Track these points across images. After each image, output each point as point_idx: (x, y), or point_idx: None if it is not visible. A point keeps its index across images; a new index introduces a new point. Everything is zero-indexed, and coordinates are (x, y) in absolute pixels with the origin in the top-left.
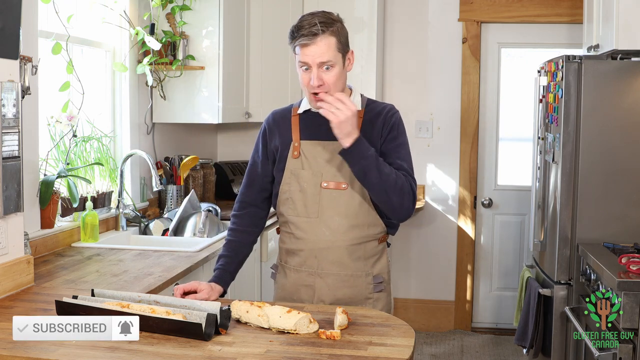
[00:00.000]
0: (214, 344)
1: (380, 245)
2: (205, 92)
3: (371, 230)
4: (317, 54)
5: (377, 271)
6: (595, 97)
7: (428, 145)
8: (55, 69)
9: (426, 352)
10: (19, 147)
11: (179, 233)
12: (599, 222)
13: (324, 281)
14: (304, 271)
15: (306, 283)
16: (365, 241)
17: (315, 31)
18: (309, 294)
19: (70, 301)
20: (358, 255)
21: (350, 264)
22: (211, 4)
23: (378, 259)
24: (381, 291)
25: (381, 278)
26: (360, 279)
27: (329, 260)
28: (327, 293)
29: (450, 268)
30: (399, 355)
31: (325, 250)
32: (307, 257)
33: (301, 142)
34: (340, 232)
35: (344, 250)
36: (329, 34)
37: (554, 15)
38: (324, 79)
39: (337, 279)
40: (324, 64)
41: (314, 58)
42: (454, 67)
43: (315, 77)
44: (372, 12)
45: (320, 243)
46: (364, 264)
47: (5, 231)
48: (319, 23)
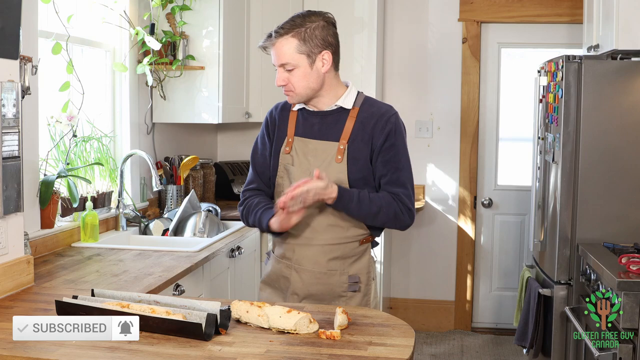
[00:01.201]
0: (214, 344)
1: (361, 247)
2: (205, 92)
3: (352, 232)
4: (274, 56)
5: (354, 271)
6: (595, 97)
7: (428, 145)
8: (55, 69)
9: (426, 352)
10: (19, 147)
11: (179, 233)
12: (599, 222)
13: (299, 275)
14: (283, 262)
15: (284, 274)
16: (344, 242)
17: (271, 34)
18: (286, 285)
19: (70, 301)
20: (335, 255)
21: (325, 263)
22: (211, 4)
23: (357, 259)
24: (355, 291)
25: (357, 278)
26: (335, 277)
27: (305, 257)
28: (301, 287)
29: (450, 268)
30: (399, 355)
31: (303, 247)
32: (286, 249)
33: (295, 138)
34: (318, 231)
35: (320, 249)
36: (289, 37)
37: (554, 15)
38: (288, 79)
39: (311, 275)
40: (284, 66)
41: (274, 59)
42: (454, 67)
43: (278, 77)
44: (372, 12)
45: (299, 239)
46: (341, 263)
47: (5, 231)
48: (280, 27)
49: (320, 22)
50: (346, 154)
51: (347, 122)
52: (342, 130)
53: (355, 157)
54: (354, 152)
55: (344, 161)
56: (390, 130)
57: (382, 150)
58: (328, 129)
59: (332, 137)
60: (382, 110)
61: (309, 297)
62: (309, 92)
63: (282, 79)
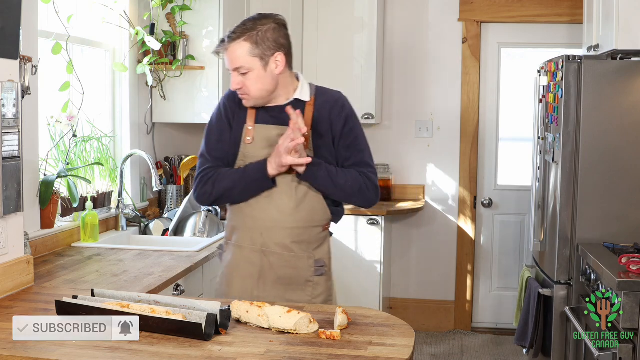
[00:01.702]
0: (214, 344)
1: (323, 233)
2: (205, 92)
3: (316, 216)
4: (228, 60)
5: (319, 256)
6: (595, 97)
7: (428, 145)
8: (55, 69)
9: (426, 352)
10: (19, 147)
11: (179, 233)
12: (599, 222)
13: (268, 259)
14: (248, 247)
15: (249, 260)
16: (310, 226)
17: (224, 39)
18: (251, 270)
19: (70, 301)
20: (302, 239)
21: (294, 246)
22: (211, 4)
23: (320, 245)
24: (322, 275)
25: (322, 262)
26: (302, 261)
27: (274, 240)
28: (269, 271)
29: (450, 268)
30: (399, 355)
31: (272, 230)
32: (252, 233)
33: (255, 125)
34: (287, 214)
35: (289, 231)
36: (242, 41)
37: (554, 15)
38: (243, 82)
39: (280, 258)
40: (238, 70)
41: (227, 64)
42: (454, 67)
43: (232, 81)
44: (372, 12)
45: (268, 222)
46: (306, 247)
47: (5, 231)
48: (232, 31)
49: (272, 24)
50: (311, 140)
51: (306, 112)
52: (303, 119)
53: (319, 144)
54: (317, 139)
55: (310, 147)
56: (347, 115)
57: (342, 136)
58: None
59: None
60: (336, 97)
61: (278, 281)
62: (264, 94)
63: (237, 82)
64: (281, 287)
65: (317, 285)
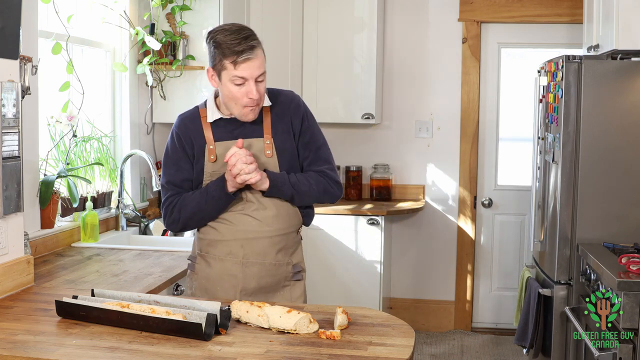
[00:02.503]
0: (214, 344)
1: (297, 236)
2: (205, 92)
3: (292, 221)
4: (256, 66)
5: (296, 260)
6: (595, 97)
7: (428, 145)
8: (55, 69)
9: (426, 352)
10: (19, 147)
11: (178, 233)
12: (599, 222)
13: (249, 270)
14: (229, 260)
15: (231, 272)
16: (287, 232)
17: (255, 44)
18: (233, 283)
19: (70, 301)
20: (281, 246)
21: (274, 254)
22: (211, 4)
23: (295, 249)
24: (299, 280)
25: (300, 267)
26: (282, 268)
27: (255, 251)
28: (252, 282)
29: (450, 268)
30: (399, 355)
31: (252, 241)
32: (232, 246)
33: (216, 144)
34: (266, 223)
35: (269, 240)
36: (259, 46)
37: (554, 15)
38: (259, 90)
39: (261, 268)
40: (261, 75)
41: (252, 72)
42: (454, 67)
43: (256, 90)
44: (372, 12)
45: (248, 233)
46: (284, 253)
47: (5, 231)
48: (250, 36)
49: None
50: (274, 147)
51: (264, 118)
52: (262, 126)
53: (283, 149)
54: (280, 144)
55: (273, 155)
56: (303, 113)
57: (301, 134)
58: (248, 129)
59: (256, 134)
60: (289, 97)
61: (259, 291)
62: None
63: (257, 91)
64: (261, 295)
65: (294, 288)
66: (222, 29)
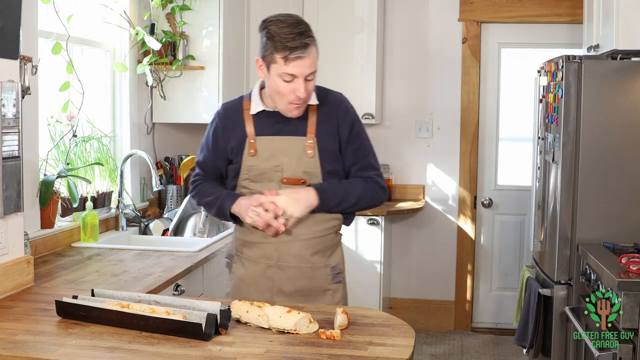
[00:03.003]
0: (214, 344)
1: (336, 237)
2: (205, 92)
3: (330, 223)
4: (308, 65)
5: (334, 262)
6: (595, 97)
7: (428, 145)
8: (55, 69)
9: (426, 352)
10: (19, 147)
11: (179, 233)
12: (599, 222)
13: (285, 273)
14: (263, 263)
15: (266, 275)
16: (324, 234)
17: (309, 42)
18: (269, 285)
19: (70, 301)
20: (317, 249)
21: (310, 257)
22: (211, 4)
23: (334, 250)
24: (339, 282)
25: (339, 269)
26: (319, 271)
27: (290, 253)
28: (287, 284)
29: (450, 268)
30: (399, 355)
31: (286, 244)
32: (266, 249)
33: (257, 138)
34: (300, 226)
35: (304, 243)
36: (314, 43)
37: (554, 15)
38: (307, 89)
39: (297, 271)
40: (311, 74)
41: (303, 70)
42: (454, 67)
43: (304, 89)
44: (372, 12)
45: (282, 236)
46: (322, 255)
47: (5, 231)
48: (305, 32)
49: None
50: (316, 148)
51: (310, 116)
52: (307, 125)
53: (326, 150)
54: (323, 145)
55: (315, 156)
56: (352, 119)
57: (349, 140)
58: (292, 124)
59: (299, 132)
60: (338, 99)
61: (297, 293)
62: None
63: (306, 89)
64: (300, 298)
65: (336, 292)
66: (277, 20)
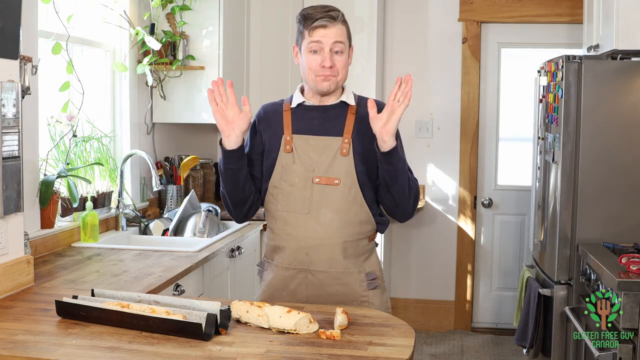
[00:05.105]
0: (214, 344)
1: (370, 243)
2: (205, 92)
3: (363, 227)
4: (332, 34)
5: (370, 268)
6: (595, 97)
7: (428, 145)
8: (55, 69)
9: (426, 352)
10: (19, 147)
11: (179, 233)
12: (599, 222)
13: (316, 277)
14: (293, 268)
15: (296, 280)
16: (357, 239)
17: (334, 15)
18: (300, 290)
19: (70, 301)
20: (350, 253)
21: (342, 261)
22: (211, 4)
23: (368, 256)
24: (375, 288)
25: (374, 275)
26: (353, 276)
27: (321, 258)
28: (319, 289)
29: (450, 268)
30: (399, 355)
31: (317, 247)
32: (297, 253)
33: (293, 136)
34: (332, 229)
35: (336, 247)
36: (342, 22)
37: (554, 15)
38: (335, 62)
39: (328, 276)
40: (337, 44)
41: (328, 38)
42: (454, 67)
43: (325, 58)
44: (372, 12)
45: (311, 240)
46: (355, 261)
47: (5, 231)
48: (334, 10)
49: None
50: (351, 147)
51: (348, 117)
52: (344, 124)
53: (360, 151)
54: (359, 146)
55: (349, 154)
56: None
57: None
58: (329, 123)
59: (335, 132)
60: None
61: (330, 299)
62: (341, 83)
63: (331, 59)
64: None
65: (373, 299)
66: (310, 6)
